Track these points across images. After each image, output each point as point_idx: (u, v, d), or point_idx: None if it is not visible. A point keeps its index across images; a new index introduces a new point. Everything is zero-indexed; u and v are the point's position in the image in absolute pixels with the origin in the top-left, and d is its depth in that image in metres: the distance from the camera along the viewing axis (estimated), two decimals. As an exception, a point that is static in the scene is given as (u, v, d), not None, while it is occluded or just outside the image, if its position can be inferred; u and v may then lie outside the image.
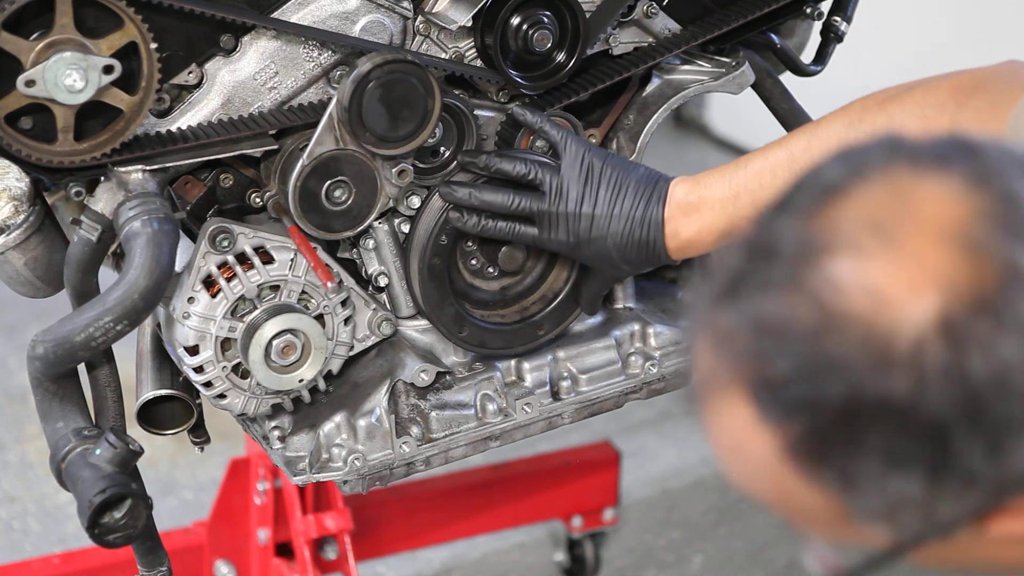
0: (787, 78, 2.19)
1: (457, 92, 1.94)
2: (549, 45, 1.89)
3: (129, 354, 1.96)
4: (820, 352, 0.98)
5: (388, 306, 1.96)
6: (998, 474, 0.99)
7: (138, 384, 1.94)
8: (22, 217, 1.80)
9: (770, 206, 1.06)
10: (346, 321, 1.88)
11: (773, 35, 2.14)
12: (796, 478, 1.03)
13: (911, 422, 0.97)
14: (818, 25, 2.18)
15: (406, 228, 1.93)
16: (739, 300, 1.02)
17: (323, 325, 1.85)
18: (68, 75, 1.62)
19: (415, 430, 1.96)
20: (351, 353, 1.92)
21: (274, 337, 1.80)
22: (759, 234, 1.04)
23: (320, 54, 1.82)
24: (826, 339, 0.97)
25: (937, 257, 0.96)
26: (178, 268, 1.76)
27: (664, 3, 2.01)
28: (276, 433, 1.92)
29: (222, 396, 1.85)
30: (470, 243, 1.98)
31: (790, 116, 2.16)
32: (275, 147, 1.81)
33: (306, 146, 1.79)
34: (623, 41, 2.00)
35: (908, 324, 0.95)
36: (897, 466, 0.99)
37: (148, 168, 1.74)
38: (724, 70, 2.06)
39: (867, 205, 0.99)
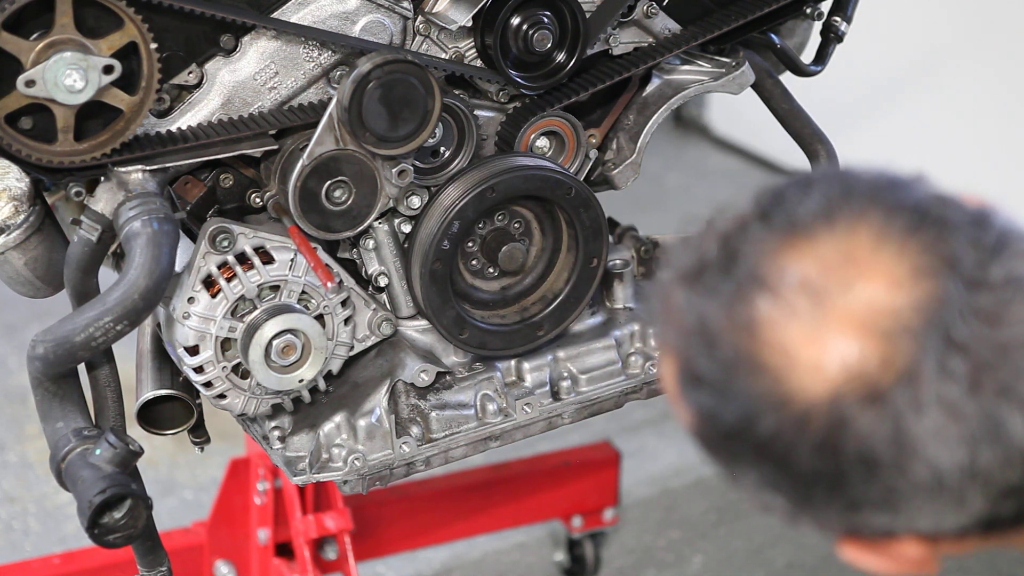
0: (787, 78, 2.19)
1: (457, 92, 1.94)
2: (549, 45, 1.89)
3: (129, 354, 1.96)
4: (731, 379, 1.08)
5: (388, 306, 1.96)
6: (850, 522, 1.10)
7: (138, 384, 1.94)
8: (22, 217, 1.80)
9: (761, 200, 1.11)
10: (346, 321, 1.88)
11: (773, 35, 2.14)
12: (699, 449, 1.18)
13: (783, 467, 1.08)
14: (818, 25, 2.18)
15: (406, 228, 1.93)
16: (694, 290, 1.11)
17: (323, 325, 1.85)
18: (68, 75, 1.62)
19: (415, 430, 1.96)
20: (351, 353, 1.92)
21: (274, 337, 1.80)
22: (735, 235, 1.11)
23: (320, 54, 1.82)
24: (738, 372, 1.07)
25: (853, 338, 1.03)
26: (178, 268, 1.76)
27: (664, 3, 2.01)
28: (276, 433, 1.92)
29: (222, 396, 1.85)
30: (471, 243, 1.98)
31: (790, 116, 2.16)
32: (275, 147, 1.81)
33: (306, 146, 1.79)
34: (623, 41, 2.00)
35: (803, 391, 1.05)
36: (767, 488, 1.12)
37: (148, 168, 1.74)
38: (724, 70, 2.06)
39: (818, 261, 1.06)
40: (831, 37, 2.17)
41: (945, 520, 1.08)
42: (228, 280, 1.79)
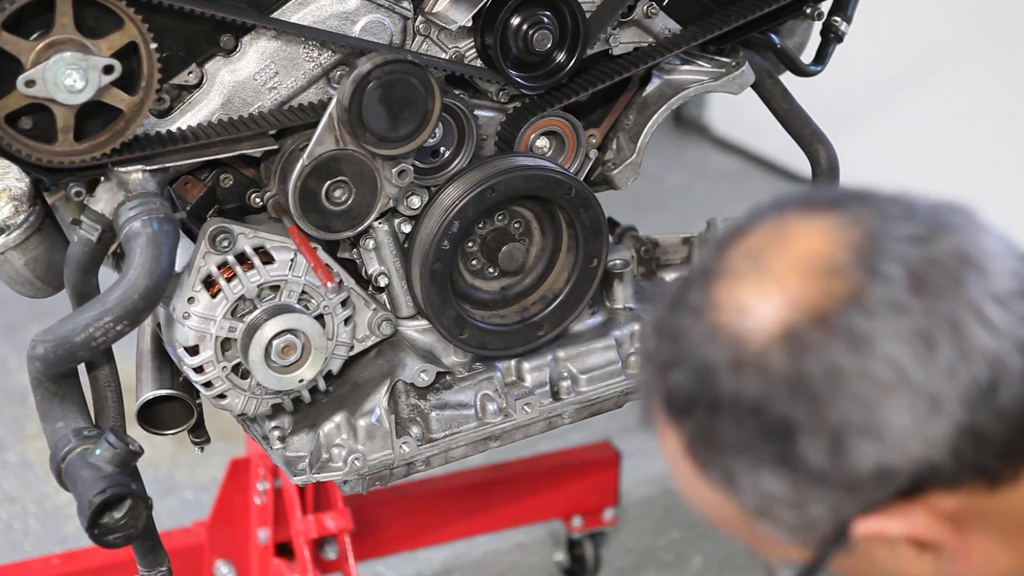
0: (787, 78, 2.19)
1: (457, 92, 1.94)
2: (549, 45, 1.89)
3: (129, 354, 1.96)
4: (698, 357, 1.13)
5: (388, 306, 1.96)
6: (847, 473, 1.10)
7: (138, 384, 1.94)
8: (22, 217, 1.80)
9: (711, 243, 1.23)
10: (346, 321, 1.88)
11: (773, 35, 2.14)
12: (699, 480, 1.17)
13: (760, 419, 1.10)
14: (818, 25, 2.18)
15: (406, 228, 1.93)
16: (656, 331, 1.19)
17: (323, 325, 1.85)
18: (68, 75, 1.62)
19: (415, 430, 1.96)
20: (351, 353, 1.92)
21: (274, 337, 1.80)
22: (680, 288, 1.20)
23: (320, 54, 1.82)
24: (703, 346, 1.13)
25: (794, 280, 1.11)
26: (178, 268, 1.76)
27: (664, 3, 2.01)
28: (276, 433, 1.92)
29: (222, 396, 1.85)
30: (471, 243, 1.98)
31: (790, 116, 2.16)
32: (275, 147, 1.81)
33: (306, 146, 1.79)
34: (623, 41, 2.00)
35: (757, 332, 1.11)
36: (759, 464, 1.12)
37: (148, 168, 1.74)
38: (724, 70, 2.06)
39: (754, 240, 1.15)
40: (831, 37, 2.17)
41: (931, 429, 1.08)
42: (228, 280, 1.79)
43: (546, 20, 1.88)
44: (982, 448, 1.09)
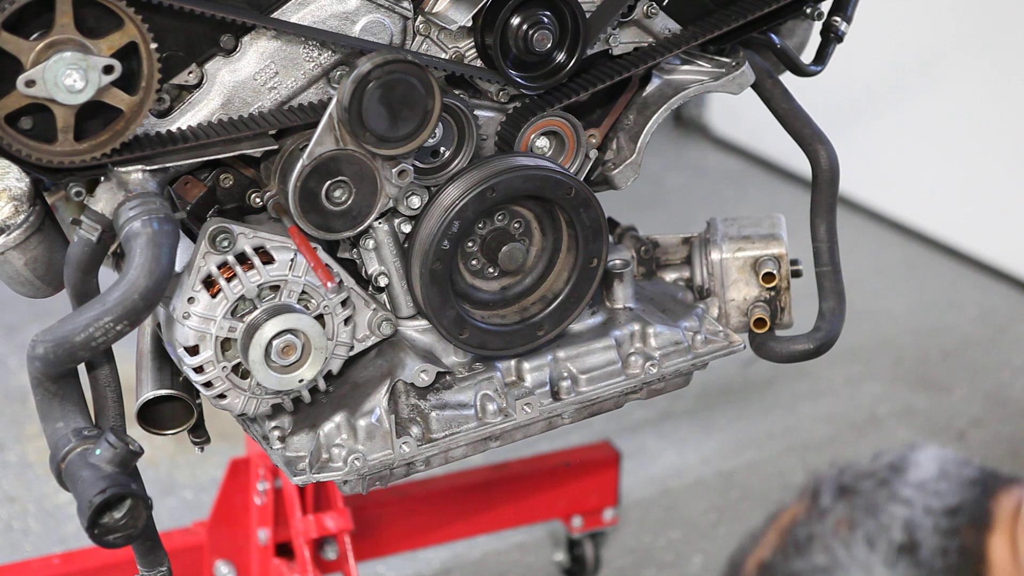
0: (787, 78, 2.19)
1: (457, 92, 1.94)
2: (549, 45, 1.89)
3: (129, 354, 1.96)
4: None
5: (388, 306, 1.96)
6: None
7: (138, 384, 1.94)
8: (22, 217, 1.80)
9: None
10: (346, 321, 1.88)
11: (773, 35, 2.14)
12: None
13: None
14: (818, 25, 2.18)
15: (406, 228, 1.93)
16: None
17: (323, 325, 1.85)
18: (68, 75, 1.62)
19: (415, 430, 1.96)
20: (351, 353, 1.92)
21: (274, 337, 1.80)
22: None
23: (320, 54, 1.82)
24: None
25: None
26: (178, 268, 1.76)
27: (664, 3, 2.01)
28: (276, 433, 1.92)
29: (222, 396, 1.85)
30: (471, 243, 1.98)
31: (790, 116, 2.16)
32: (275, 147, 1.81)
33: (306, 146, 1.80)
34: (623, 41, 2.00)
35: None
36: None
37: (148, 168, 1.74)
38: (724, 70, 2.06)
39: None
40: (831, 37, 2.17)
41: None
42: (228, 280, 1.79)
43: (546, 20, 1.88)
44: None
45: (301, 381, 1.86)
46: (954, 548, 1.26)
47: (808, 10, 2.11)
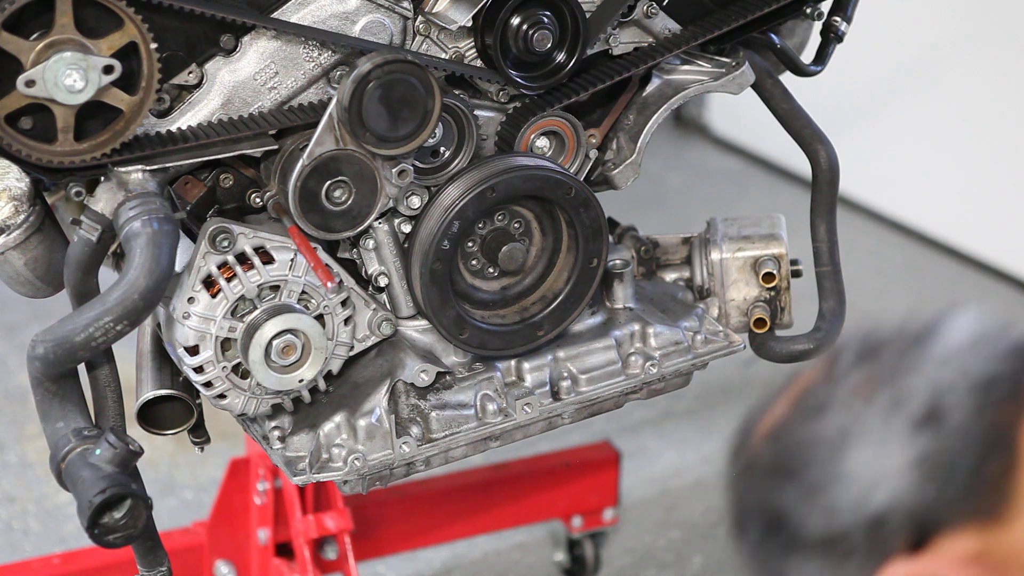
0: (787, 78, 2.19)
1: (457, 92, 1.94)
2: (549, 45, 1.89)
3: (129, 354, 1.96)
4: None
5: (388, 306, 1.96)
6: (847, 533, 1.16)
7: (138, 384, 1.94)
8: (22, 217, 1.80)
9: None
10: (346, 321, 1.88)
11: (773, 35, 2.14)
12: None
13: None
14: (818, 25, 2.18)
15: (406, 228, 1.93)
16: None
17: (323, 325, 1.85)
18: (68, 75, 1.62)
19: (415, 430, 1.96)
20: (351, 353, 1.92)
21: (274, 337, 1.80)
22: None
23: (320, 54, 1.82)
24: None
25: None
26: (178, 268, 1.76)
27: (664, 3, 2.01)
28: (276, 433, 1.92)
29: (222, 396, 1.85)
30: (471, 243, 1.98)
31: (790, 116, 2.16)
32: (275, 147, 1.81)
33: (306, 146, 1.80)
34: (623, 41, 2.00)
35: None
36: (792, 553, 1.19)
37: (148, 168, 1.74)
38: (724, 70, 2.06)
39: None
40: (831, 37, 2.17)
41: (888, 464, 1.14)
42: (228, 280, 1.79)
43: (546, 20, 1.88)
44: (951, 475, 1.13)
45: (301, 381, 1.86)
46: (984, 424, 1.16)
47: (808, 10, 2.11)
